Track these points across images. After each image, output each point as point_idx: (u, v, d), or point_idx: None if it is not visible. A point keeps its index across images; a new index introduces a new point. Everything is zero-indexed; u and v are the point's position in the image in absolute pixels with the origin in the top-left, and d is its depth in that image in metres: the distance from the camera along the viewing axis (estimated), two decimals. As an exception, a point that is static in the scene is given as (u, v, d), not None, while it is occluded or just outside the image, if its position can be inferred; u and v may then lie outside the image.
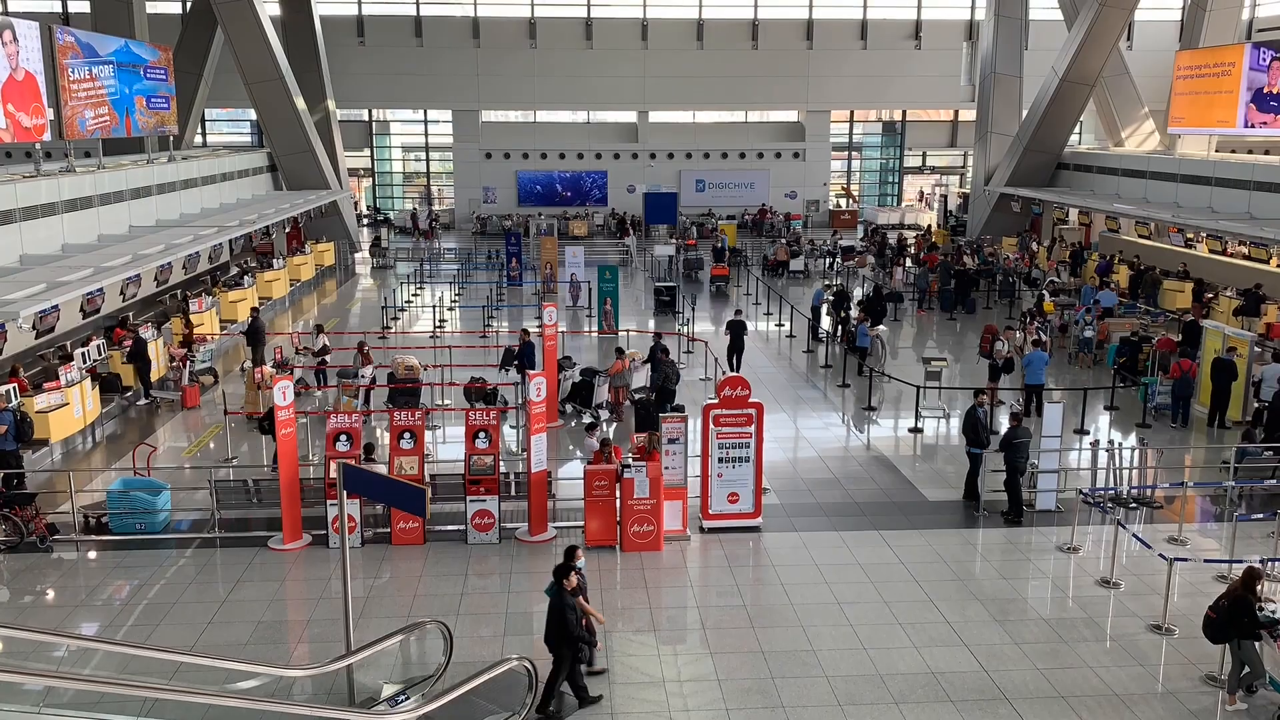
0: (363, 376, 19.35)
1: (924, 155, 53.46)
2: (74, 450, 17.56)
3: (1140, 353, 21.19)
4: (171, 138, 29.96)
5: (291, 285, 32.05)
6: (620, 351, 19.70)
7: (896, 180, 53.30)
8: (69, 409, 17.38)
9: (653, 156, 48.52)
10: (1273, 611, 10.07)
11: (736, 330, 22.50)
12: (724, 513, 14.04)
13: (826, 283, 31.21)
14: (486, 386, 18.98)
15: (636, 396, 18.68)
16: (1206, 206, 29.38)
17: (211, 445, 17.81)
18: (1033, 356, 19.47)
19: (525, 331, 20.78)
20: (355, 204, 46.09)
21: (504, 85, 46.93)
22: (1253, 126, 30.37)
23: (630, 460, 13.61)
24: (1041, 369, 19.26)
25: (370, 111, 49.73)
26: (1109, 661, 10.76)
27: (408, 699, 9.14)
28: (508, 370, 20.06)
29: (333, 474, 12.88)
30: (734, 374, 15.40)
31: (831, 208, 50.18)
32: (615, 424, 18.84)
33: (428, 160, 51.21)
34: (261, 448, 17.44)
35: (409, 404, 17.66)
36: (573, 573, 9.91)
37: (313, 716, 8.80)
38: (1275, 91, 28.97)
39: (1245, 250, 27.74)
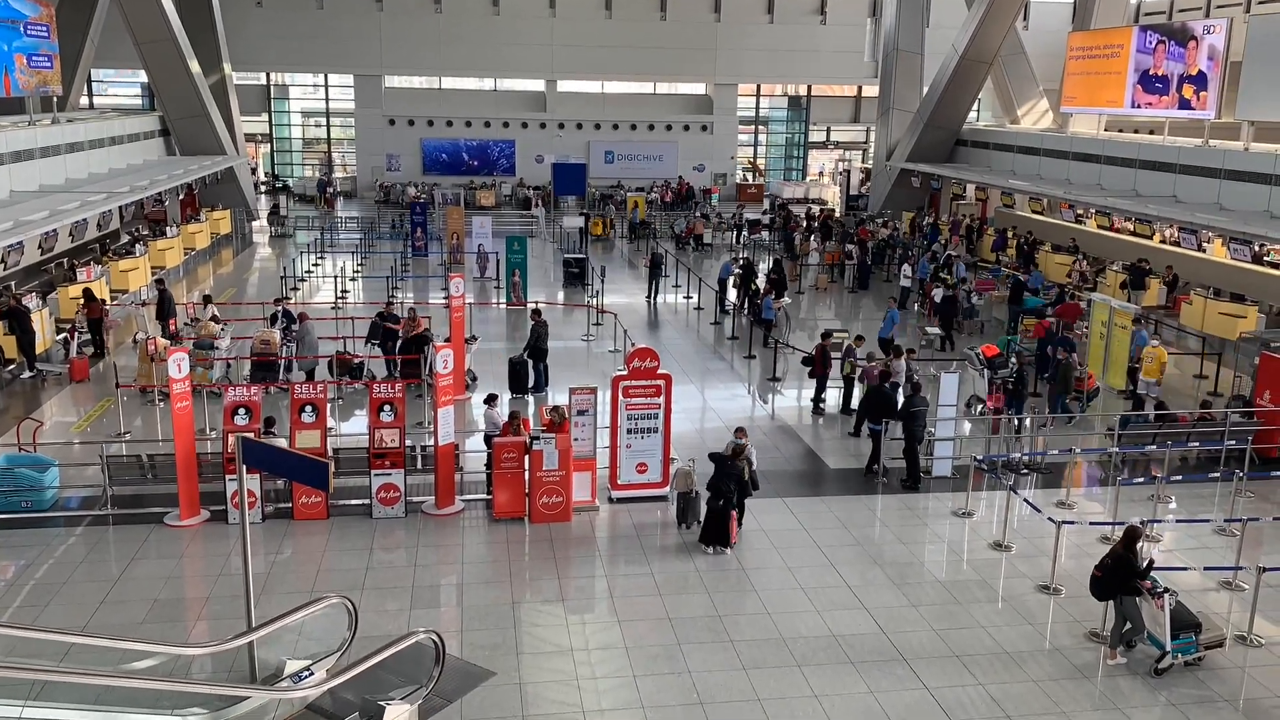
0: (218, 349, 18.94)
1: (828, 130, 54.11)
2: (-47, 426, 16.74)
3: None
4: (55, 98, 28.52)
5: (186, 254, 30.99)
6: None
7: (802, 155, 53.92)
8: (-54, 383, 16.55)
9: (561, 126, 48.10)
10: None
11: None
12: (632, 483, 14.14)
13: (734, 256, 31.49)
14: (353, 360, 18.80)
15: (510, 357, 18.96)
16: (1096, 184, 30.48)
17: (104, 420, 17.17)
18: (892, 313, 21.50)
19: (388, 304, 20.79)
20: (253, 170, 44.66)
21: (408, 51, 45.89)
22: (1139, 107, 31.51)
23: (540, 432, 13.60)
24: (889, 326, 21.07)
25: (268, 75, 48.15)
26: (1000, 621, 11.21)
27: (312, 674, 9.01)
28: (373, 344, 19.77)
29: (231, 448, 12.55)
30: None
31: (739, 181, 50.57)
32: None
33: (329, 126, 49.87)
34: (156, 421, 16.88)
35: (267, 378, 17.75)
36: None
37: (213, 694, 8.62)
38: (1160, 74, 30.09)
39: (1130, 226, 28.88)
